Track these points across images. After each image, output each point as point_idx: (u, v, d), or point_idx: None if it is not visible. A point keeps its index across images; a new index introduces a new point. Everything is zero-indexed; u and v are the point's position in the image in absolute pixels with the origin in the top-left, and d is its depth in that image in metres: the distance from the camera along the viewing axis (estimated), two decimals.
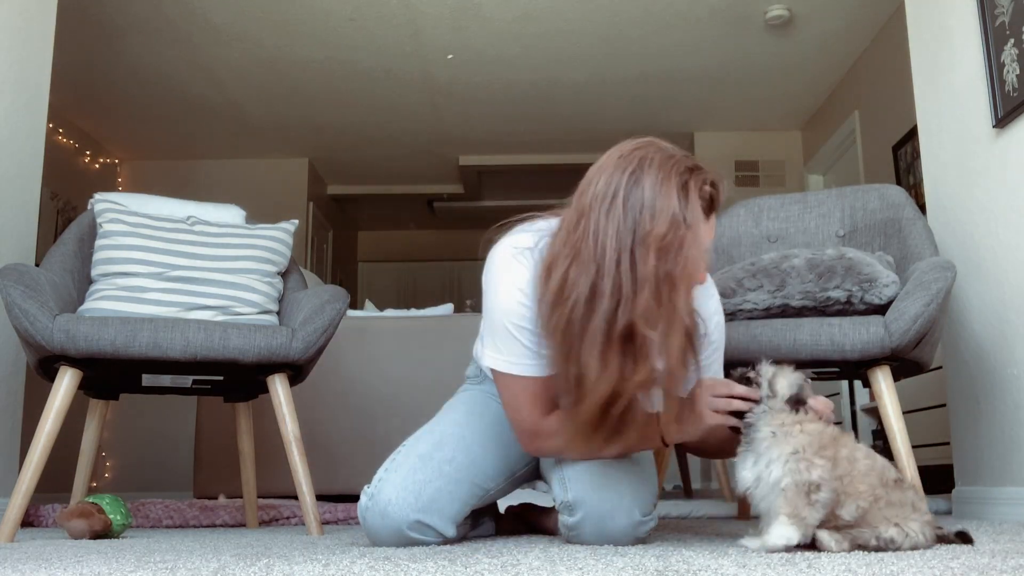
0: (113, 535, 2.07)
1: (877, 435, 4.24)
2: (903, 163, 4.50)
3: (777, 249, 2.59)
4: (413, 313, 3.89)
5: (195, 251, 2.42)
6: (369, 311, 4.01)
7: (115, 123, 5.99)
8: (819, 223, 2.65)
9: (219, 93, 5.54)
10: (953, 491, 2.74)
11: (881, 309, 2.22)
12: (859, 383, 4.20)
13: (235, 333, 2.17)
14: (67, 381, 2.11)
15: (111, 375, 2.29)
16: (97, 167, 6.16)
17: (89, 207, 2.54)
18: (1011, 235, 2.42)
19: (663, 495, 3.96)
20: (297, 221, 2.70)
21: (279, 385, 2.27)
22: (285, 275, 2.58)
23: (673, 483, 4.67)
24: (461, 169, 6.95)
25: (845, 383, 4.55)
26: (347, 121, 6.03)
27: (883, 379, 2.19)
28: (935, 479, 3.31)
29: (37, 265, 2.46)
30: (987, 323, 2.54)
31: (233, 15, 4.56)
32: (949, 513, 2.76)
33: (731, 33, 4.79)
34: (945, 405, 2.93)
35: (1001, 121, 2.43)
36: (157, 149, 6.47)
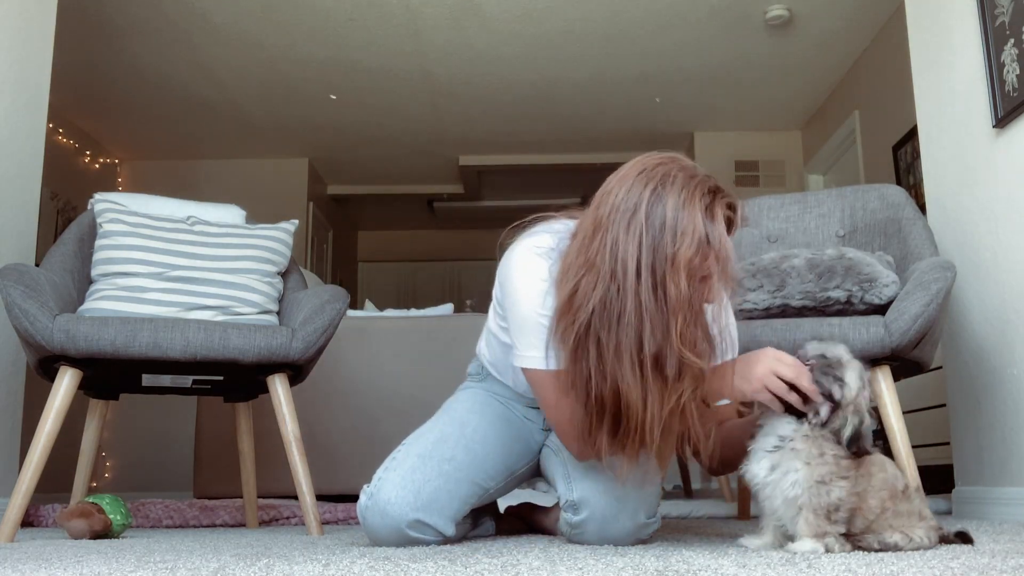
0: (113, 535, 2.07)
1: (877, 435, 4.23)
2: (903, 163, 4.50)
3: (777, 249, 2.59)
4: (413, 313, 3.89)
5: (195, 251, 2.42)
6: (369, 311, 4.01)
7: (115, 123, 5.99)
8: (819, 223, 2.65)
9: (219, 93, 5.54)
10: (953, 491, 2.74)
11: (881, 309, 2.22)
12: None
13: (235, 333, 2.17)
14: (67, 381, 2.11)
15: (111, 375, 2.29)
16: (97, 167, 6.16)
17: (89, 207, 2.54)
18: (1011, 235, 2.42)
19: (663, 495, 3.96)
20: (297, 221, 2.70)
21: (279, 385, 2.27)
22: (285, 275, 2.58)
23: (673, 483, 4.67)
24: (461, 169, 6.95)
25: None
26: (347, 121, 6.03)
27: (883, 379, 2.20)
28: (935, 479, 3.31)
29: (37, 265, 2.46)
30: (987, 323, 2.54)
31: (233, 15, 4.56)
32: (949, 513, 2.76)
33: (731, 33, 4.79)
34: (945, 405, 2.93)
35: (1001, 121, 2.43)
36: (157, 149, 6.47)
